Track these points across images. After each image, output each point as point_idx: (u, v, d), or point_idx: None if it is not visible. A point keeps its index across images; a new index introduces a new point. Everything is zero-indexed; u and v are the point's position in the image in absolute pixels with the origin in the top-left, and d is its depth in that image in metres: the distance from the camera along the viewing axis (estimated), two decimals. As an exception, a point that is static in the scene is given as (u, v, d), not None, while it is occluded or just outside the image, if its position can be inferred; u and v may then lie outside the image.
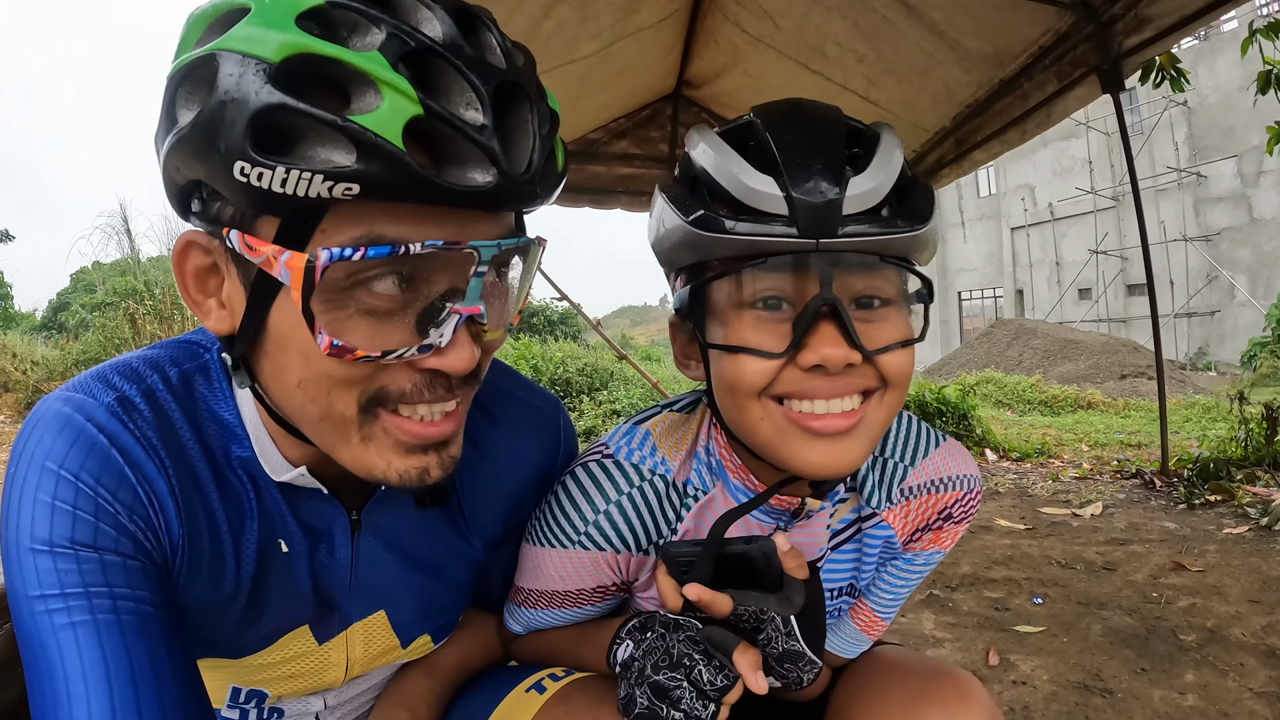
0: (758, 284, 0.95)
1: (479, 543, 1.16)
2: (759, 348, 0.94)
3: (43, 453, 0.80)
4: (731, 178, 0.92)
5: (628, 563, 1.15)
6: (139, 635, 0.77)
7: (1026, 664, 2.89)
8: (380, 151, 0.65)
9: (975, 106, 5.22)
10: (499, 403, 1.16)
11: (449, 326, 0.77)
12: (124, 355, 0.93)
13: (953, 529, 1.24)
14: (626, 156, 6.93)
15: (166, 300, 12.11)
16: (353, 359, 0.74)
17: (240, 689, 1.11)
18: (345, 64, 0.66)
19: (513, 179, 0.72)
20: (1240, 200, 25.57)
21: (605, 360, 13.50)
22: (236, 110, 0.66)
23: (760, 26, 5.18)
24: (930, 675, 1.13)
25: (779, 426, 0.96)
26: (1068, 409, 13.98)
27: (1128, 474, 6.63)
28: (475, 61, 0.71)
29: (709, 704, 0.92)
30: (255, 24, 0.68)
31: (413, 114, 0.67)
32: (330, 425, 0.81)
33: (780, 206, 0.89)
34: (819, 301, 0.91)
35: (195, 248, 0.80)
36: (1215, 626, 3.16)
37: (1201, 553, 4.19)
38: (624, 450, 1.15)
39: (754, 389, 0.95)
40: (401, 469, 0.82)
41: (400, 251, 0.70)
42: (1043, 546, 4.46)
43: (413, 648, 1.17)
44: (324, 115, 0.65)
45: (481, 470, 1.13)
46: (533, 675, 1.17)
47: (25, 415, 6.68)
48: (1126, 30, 4.26)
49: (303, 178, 0.66)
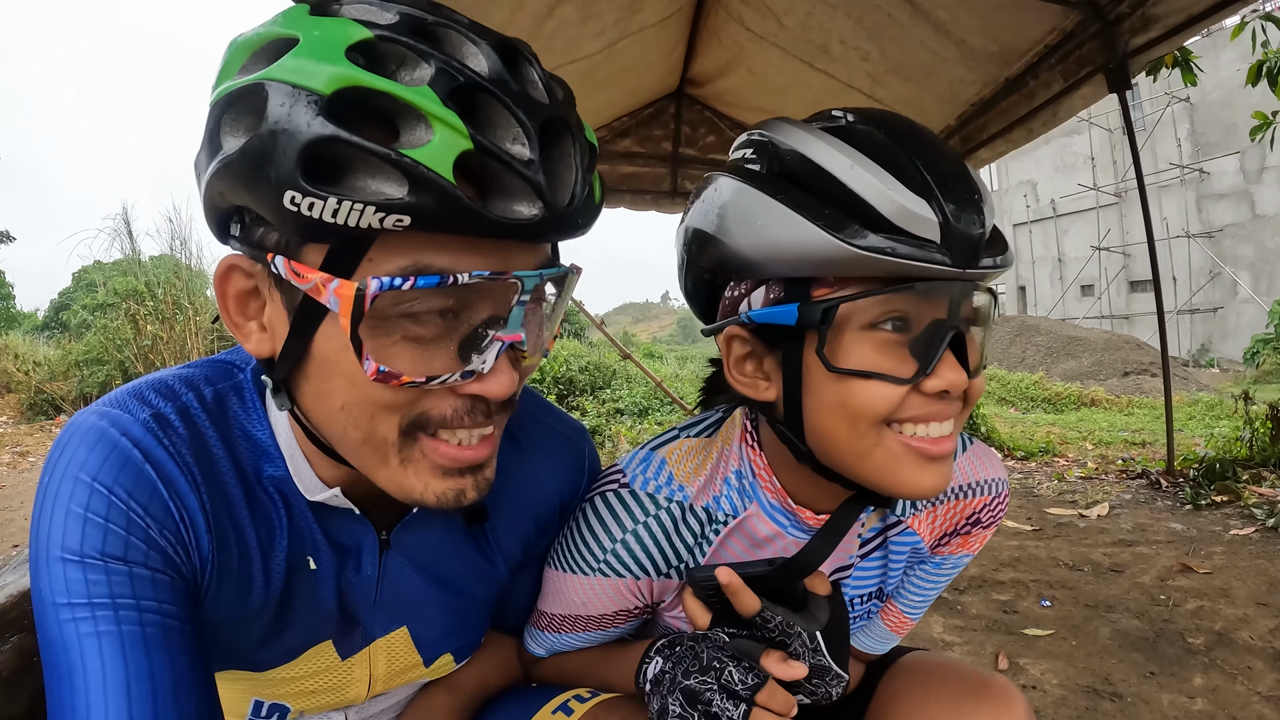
0: (889, 307, 0.91)
1: (502, 565, 1.17)
2: (889, 373, 0.91)
3: (77, 465, 0.81)
4: (880, 193, 0.87)
5: (649, 587, 1.15)
6: (162, 648, 0.78)
7: (1036, 668, 2.88)
8: (431, 185, 0.67)
9: (980, 105, 5.19)
10: (525, 428, 1.17)
11: (491, 353, 0.78)
12: (160, 372, 0.95)
13: (981, 533, 1.25)
14: (630, 155, 6.90)
15: (168, 301, 12.11)
16: (398, 385, 0.75)
17: (263, 702, 1.11)
18: (396, 98, 0.67)
19: (556, 212, 0.73)
20: (1243, 196, 25.54)
21: (608, 358, 13.51)
22: (288, 140, 0.67)
23: (764, 24, 5.16)
24: (975, 680, 1.17)
25: (893, 453, 0.94)
26: (1071, 406, 13.99)
27: (1133, 474, 6.63)
28: (521, 96, 0.72)
29: (740, 704, 0.94)
30: (304, 56, 0.69)
31: (463, 149, 0.68)
32: (370, 448, 0.82)
33: (935, 233, 0.87)
34: (948, 329, 0.90)
35: (237, 271, 0.82)
36: (1223, 629, 3.16)
37: (1208, 554, 4.18)
38: (639, 479, 1.14)
39: (879, 415, 0.92)
40: (439, 491, 0.83)
41: (449, 282, 0.71)
42: (1050, 548, 4.45)
43: (435, 666, 1.17)
44: (377, 149, 0.66)
45: (505, 494, 1.13)
46: (559, 696, 1.17)
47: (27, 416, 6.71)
48: (1133, 29, 4.24)
49: (354, 209, 0.67)
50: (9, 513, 6.28)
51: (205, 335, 12.07)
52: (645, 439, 9.52)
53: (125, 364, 11.93)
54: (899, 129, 0.93)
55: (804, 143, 0.94)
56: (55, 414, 12.26)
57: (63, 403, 12.39)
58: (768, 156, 0.99)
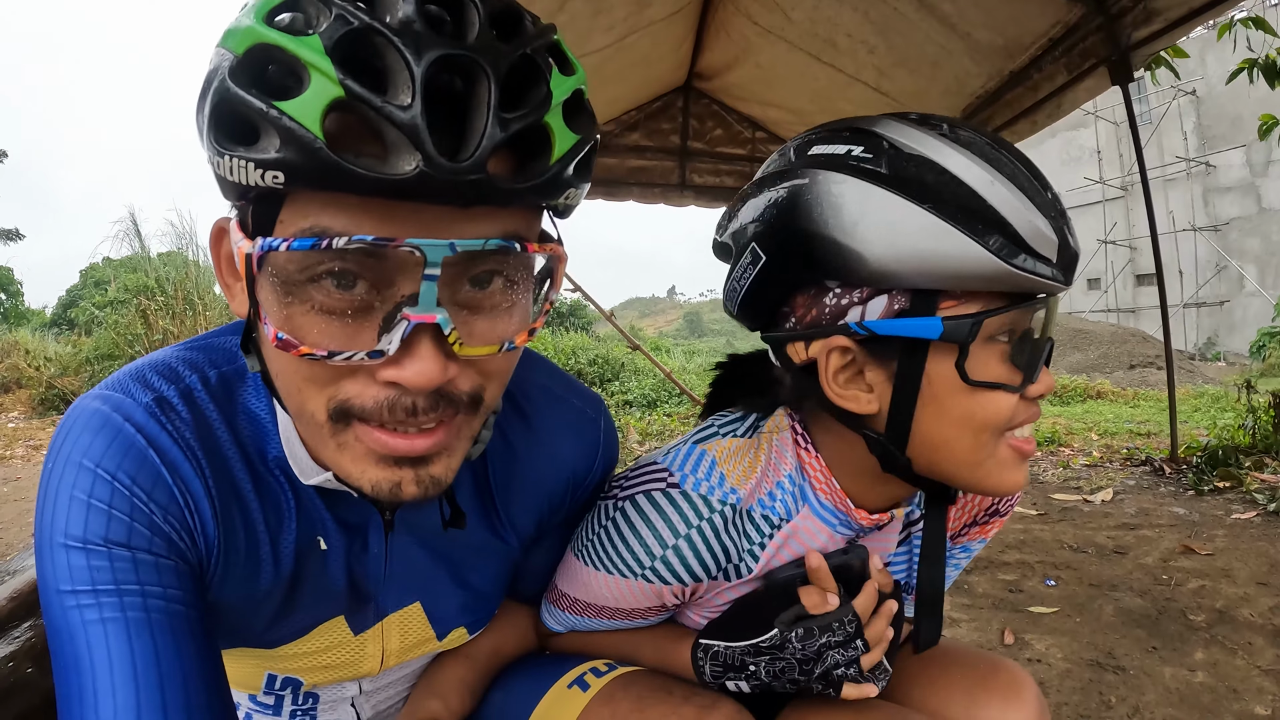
0: (1012, 321, 0.94)
1: (514, 540, 1.14)
2: (1009, 383, 0.94)
3: (80, 450, 0.81)
4: (1019, 214, 0.88)
5: (694, 590, 1.12)
6: (168, 634, 0.77)
7: (1041, 643, 2.94)
8: (296, 137, 0.61)
9: (986, 98, 5.23)
10: (535, 400, 1.12)
11: (399, 332, 0.70)
12: (162, 353, 0.93)
13: (998, 521, 1.29)
14: (638, 148, 6.94)
15: (178, 297, 12.14)
16: (297, 354, 0.70)
17: (276, 676, 1.12)
18: (286, 50, 0.62)
19: (443, 166, 0.62)
20: (1249, 190, 25.49)
21: (616, 351, 13.54)
22: (208, 101, 0.66)
23: (771, 19, 5.21)
24: (988, 665, 1.21)
25: (1002, 459, 0.98)
26: (1077, 399, 13.95)
27: (1137, 461, 6.64)
28: (420, 36, 0.62)
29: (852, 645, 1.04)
30: (238, 16, 0.67)
31: (333, 95, 0.61)
32: (304, 424, 0.80)
33: (1054, 252, 0.90)
34: (1047, 339, 0.97)
35: (226, 234, 0.79)
36: (1224, 607, 3.20)
37: (1210, 537, 4.22)
38: (690, 480, 1.08)
39: (1002, 425, 0.96)
40: (374, 479, 0.77)
41: (323, 245, 0.65)
42: (1055, 531, 4.50)
43: (448, 640, 1.17)
44: (255, 103, 0.62)
45: (515, 469, 1.10)
46: (575, 669, 1.17)
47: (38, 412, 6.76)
48: (1135, 22, 4.27)
49: (240, 165, 0.64)
50: (27, 503, 6.33)
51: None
52: (655, 430, 9.54)
53: (137, 359, 11.93)
54: (1003, 144, 0.95)
55: (934, 149, 0.91)
56: (66, 409, 12.28)
57: (74, 398, 12.39)
58: (888, 157, 0.93)
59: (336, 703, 1.20)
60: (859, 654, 1.03)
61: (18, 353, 13.83)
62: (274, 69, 0.65)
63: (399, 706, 1.27)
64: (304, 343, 0.70)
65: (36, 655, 1.73)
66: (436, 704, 1.17)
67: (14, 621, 1.78)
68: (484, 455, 1.06)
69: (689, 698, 1.08)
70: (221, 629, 0.98)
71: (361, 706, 1.23)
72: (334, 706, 1.20)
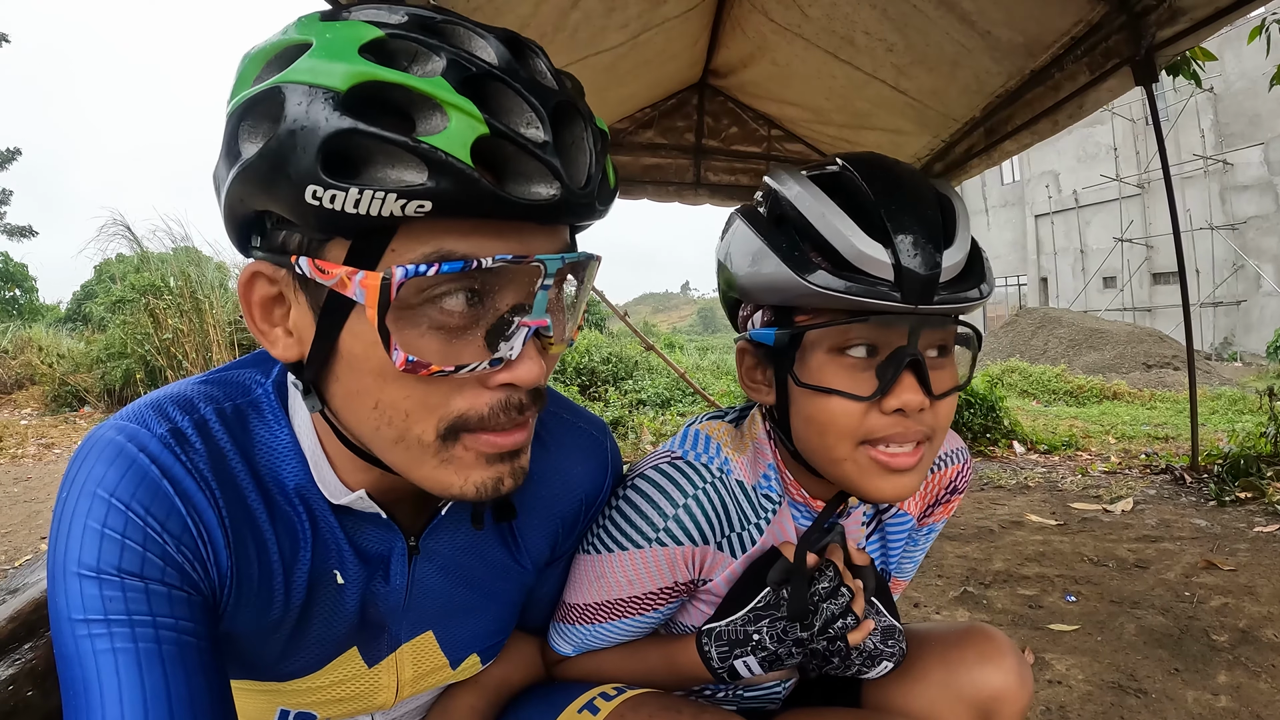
0: (852, 335, 1.04)
1: (529, 563, 1.17)
2: (849, 390, 1.04)
3: (95, 480, 0.81)
4: (841, 238, 1.00)
5: (703, 558, 1.20)
6: (179, 665, 0.78)
7: (1061, 663, 2.89)
8: (450, 169, 0.67)
9: (1006, 97, 5.15)
10: (547, 426, 1.17)
11: (519, 339, 0.78)
12: (179, 385, 0.95)
13: (956, 498, 1.40)
14: (653, 146, 6.89)
15: (185, 294, 12.19)
16: (427, 374, 0.75)
17: (289, 711, 1.12)
18: (411, 89, 0.68)
19: (573, 192, 0.74)
20: (1267, 188, 25.28)
21: (630, 349, 13.53)
22: (306, 137, 0.67)
23: (788, 15, 5.14)
24: (960, 631, 1.29)
25: (861, 465, 1.07)
26: (1093, 399, 13.91)
27: (1157, 469, 6.60)
28: (531, 83, 0.73)
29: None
30: (319, 57, 0.70)
31: (480, 133, 0.69)
32: (404, 447, 0.82)
33: (887, 273, 0.98)
34: (905, 355, 1.01)
35: (260, 278, 0.82)
36: (1247, 627, 3.15)
37: (1233, 551, 4.17)
38: (691, 453, 1.22)
39: (845, 431, 1.05)
40: (479, 481, 0.83)
41: (472, 266, 0.72)
42: (1074, 543, 4.45)
43: (462, 668, 1.18)
44: (395, 137, 0.67)
45: (530, 493, 1.14)
46: (584, 695, 1.19)
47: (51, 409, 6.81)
48: (1159, 22, 4.20)
49: (375, 197, 0.67)
50: (37, 504, 6.37)
51: (224, 328, 12.14)
52: (668, 430, 9.53)
53: (147, 357, 12.02)
54: (880, 176, 1.05)
55: (792, 190, 1.08)
56: (79, 406, 12.39)
57: (87, 395, 12.51)
58: (770, 201, 1.13)
59: None
60: (849, 599, 1.12)
61: (31, 349, 13.94)
62: (382, 106, 0.70)
63: None
64: (432, 362, 0.75)
65: (37, 678, 1.71)
66: None
67: (14, 643, 1.76)
68: None
69: (698, 716, 1.12)
70: (233, 660, 1.00)
71: None
72: None
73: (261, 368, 0.99)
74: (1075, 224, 31.65)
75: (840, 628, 1.11)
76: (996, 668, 1.21)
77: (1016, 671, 1.21)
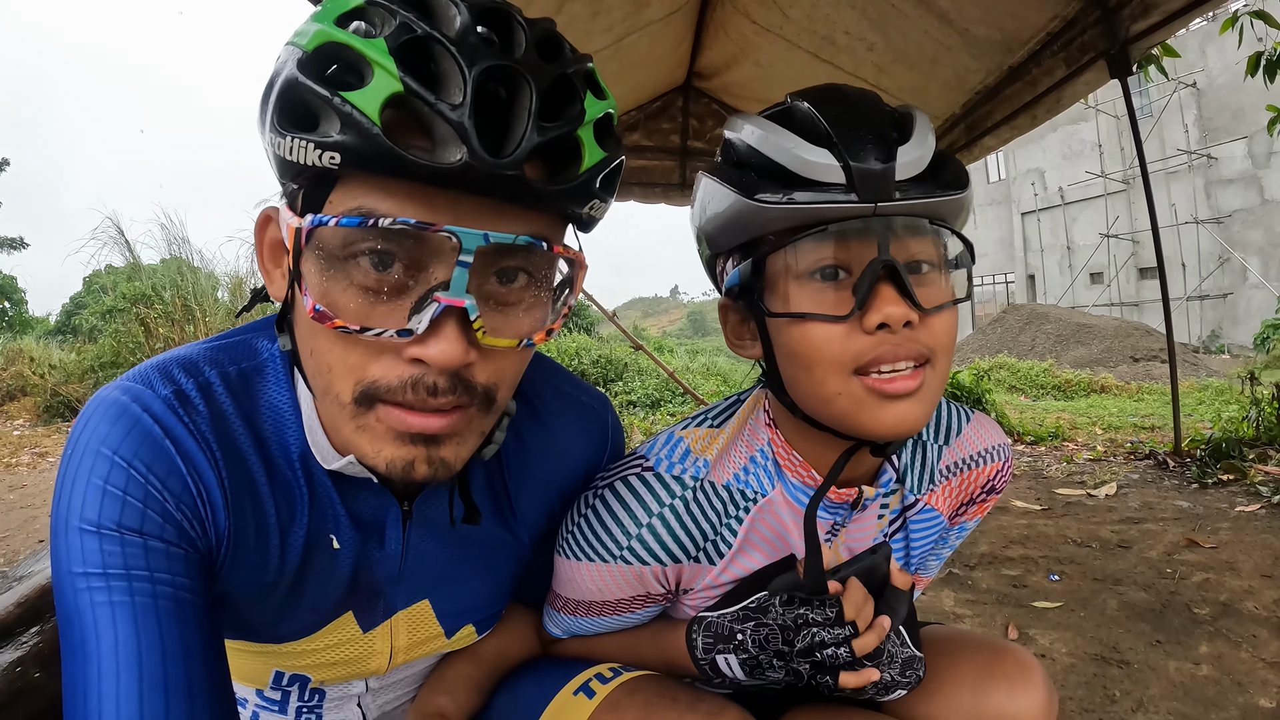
0: (818, 253, 0.97)
1: (526, 536, 1.18)
2: (825, 312, 0.96)
3: (99, 438, 0.83)
4: (786, 153, 0.95)
5: (676, 574, 1.15)
6: (174, 620, 0.79)
7: (1045, 638, 2.94)
8: (356, 124, 0.70)
9: (985, 93, 5.24)
10: (545, 398, 1.17)
11: (428, 314, 0.76)
12: (187, 348, 0.97)
13: (993, 498, 1.30)
14: (639, 149, 6.95)
15: (176, 305, 12.13)
16: (331, 326, 0.76)
17: (283, 673, 1.14)
18: (354, 49, 0.72)
19: (485, 160, 0.71)
20: (1251, 181, 25.42)
21: (619, 352, 13.53)
22: (272, 89, 0.76)
23: (769, 17, 5.21)
24: (993, 651, 1.20)
25: (856, 397, 0.97)
26: (1081, 393, 13.94)
27: (1141, 455, 6.65)
28: (472, 47, 0.73)
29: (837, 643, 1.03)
30: (309, 20, 0.76)
31: (392, 90, 0.70)
32: (329, 404, 0.84)
33: (838, 176, 0.93)
34: (879, 263, 0.93)
35: (271, 222, 0.88)
36: (1228, 600, 3.21)
37: (1214, 530, 4.23)
38: (664, 463, 1.14)
39: (831, 360, 0.97)
40: (389, 457, 0.82)
41: (369, 223, 0.73)
42: (1059, 526, 4.50)
43: (457, 638, 1.19)
44: (320, 90, 0.71)
45: (527, 465, 1.14)
46: (580, 675, 1.18)
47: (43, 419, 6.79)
48: (1133, 15, 4.28)
49: (298, 145, 0.72)
50: (32, 510, 6.34)
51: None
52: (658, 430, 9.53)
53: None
54: (824, 95, 1.02)
55: (740, 128, 1.04)
56: (71, 416, 12.30)
57: (78, 405, 12.44)
58: (725, 148, 1.09)
59: (342, 701, 1.21)
60: (847, 635, 1.02)
61: (22, 360, 13.84)
62: (339, 65, 0.74)
63: (405, 708, 1.28)
64: (339, 316, 0.76)
65: (44, 660, 1.75)
66: (444, 699, 1.19)
67: (21, 627, 1.80)
68: (498, 452, 1.08)
69: (695, 704, 1.09)
70: (230, 621, 1.01)
71: (367, 705, 1.24)
72: (340, 705, 1.21)
73: (270, 332, 1.00)
74: (1061, 221, 31.76)
75: (830, 656, 1.02)
76: (1029, 699, 1.13)
77: (1046, 703, 1.14)
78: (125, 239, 13.11)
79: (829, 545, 1.18)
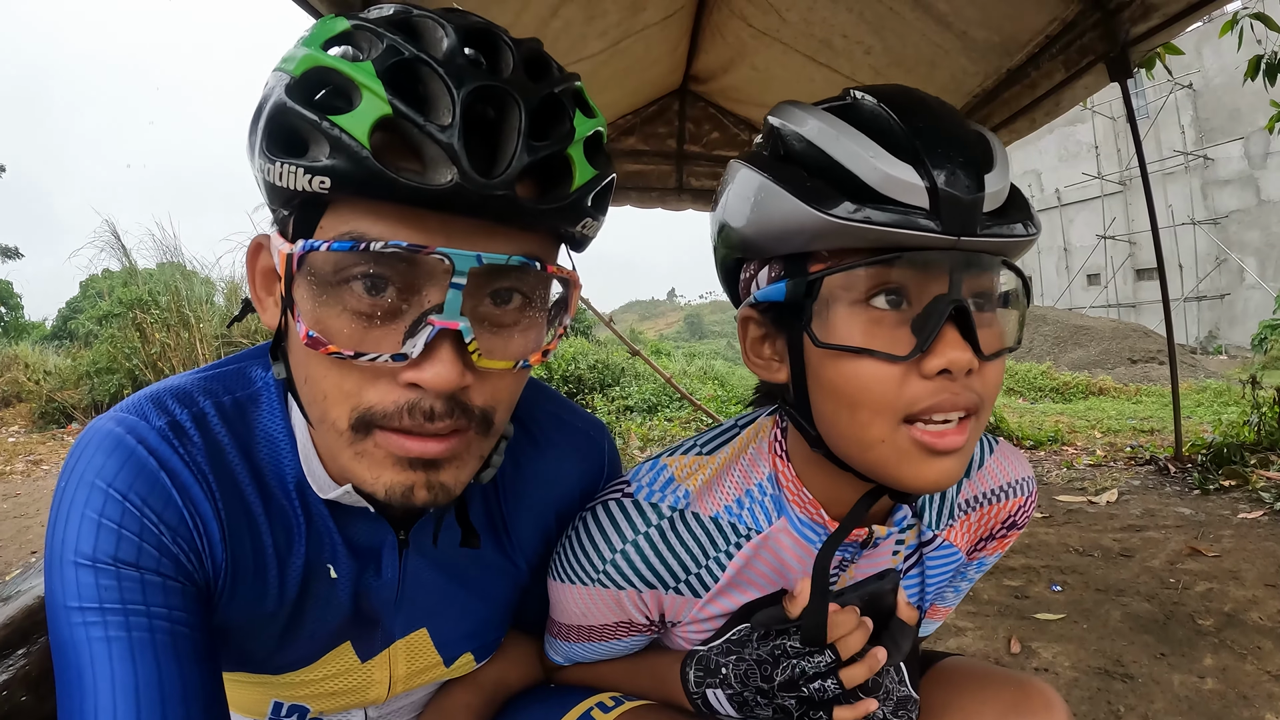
0: (882, 278, 0.86)
1: (523, 563, 1.17)
2: (881, 349, 0.86)
3: (93, 471, 0.82)
4: (861, 161, 0.84)
5: (657, 601, 1.11)
6: (171, 655, 0.79)
7: (1048, 651, 2.91)
8: (345, 148, 0.69)
9: (983, 96, 5.21)
10: (543, 425, 1.16)
11: (423, 337, 0.75)
12: (180, 378, 0.95)
13: (1014, 533, 1.23)
14: (635, 153, 6.94)
15: (172, 309, 12.11)
16: (325, 352, 0.75)
17: (282, 704, 1.13)
18: (342, 73, 0.71)
19: (475, 181, 0.70)
20: (1248, 182, 25.45)
21: (616, 356, 13.52)
22: (262, 115, 0.75)
23: (766, 20, 5.19)
24: (1018, 688, 1.14)
25: (900, 449, 0.88)
26: (1079, 395, 13.94)
27: (1142, 460, 6.64)
28: (460, 68, 0.72)
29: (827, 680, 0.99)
30: (296, 45, 0.76)
31: (381, 113, 0.70)
32: (325, 431, 0.83)
33: (920, 198, 0.82)
34: (948, 303, 0.84)
35: (263, 249, 0.86)
36: (1232, 611, 3.19)
37: (1217, 538, 4.20)
38: (644, 490, 1.10)
39: (881, 403, 0.87)
40: (388, 483, 0.81)
41: (361, 247, 0.72)
42: (1060, 534, 4.48)
43: (455, 666, 1.17)
44: (309, 115, 0.71)
45: (525, 492, 1.13)
46: (581, 704, 1.17)
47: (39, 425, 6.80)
48: (1133, 18, 4.26)
49: (289, 171, 0.71)
50: (26, 519, 6.33)
51: (212, 342, 12.06)
52: (656, 435, 9.54)
53: (135, 372, 11.92)
54: (899, 98, 0.90)
55: (801, 122, 0.91)
56: (67, 422, 12.29)
57: (74, 411, 12.41)
58: (774, 140, 0.96)
59: None
60: (829, 663, 0.97)
61: (18, 366, 13.81)
62: (328, 89, 0.74)
63: None
64: (333, 342, 0.75)
65: (32, 683, 1.72)
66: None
67: (8, 649, 1.77)
68: (494, 478, 1.08)
69: None
70: (228, 652, 1.00)
71: None
72: None
73: (264, 360, 0.99)
74: (1058, 222, 31.75)
75: (818, 690, 0.98)
76: None
77: None
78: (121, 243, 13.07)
79: (834, 580, 1.11)
